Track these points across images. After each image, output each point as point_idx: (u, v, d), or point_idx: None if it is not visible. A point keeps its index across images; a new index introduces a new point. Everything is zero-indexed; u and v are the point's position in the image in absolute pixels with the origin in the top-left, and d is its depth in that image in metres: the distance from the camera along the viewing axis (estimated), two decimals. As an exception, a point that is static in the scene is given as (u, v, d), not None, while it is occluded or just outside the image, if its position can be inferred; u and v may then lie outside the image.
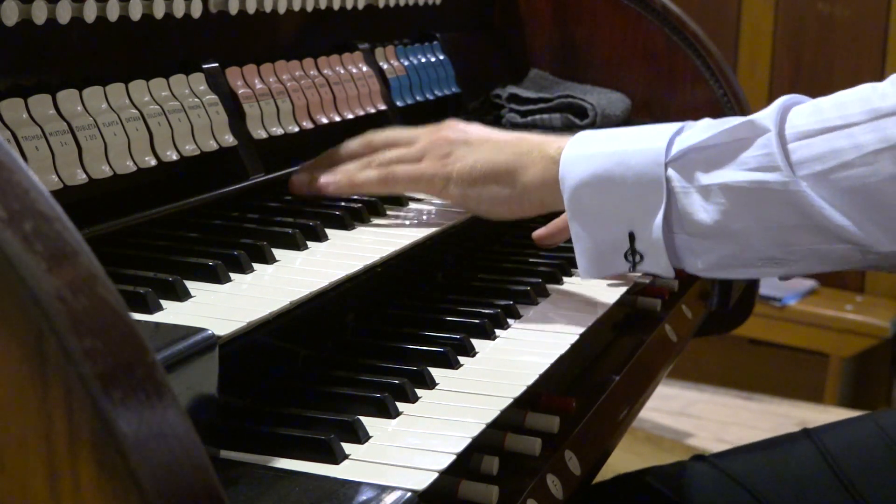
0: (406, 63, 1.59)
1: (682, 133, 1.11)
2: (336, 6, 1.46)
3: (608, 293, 1.27)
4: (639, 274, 1.25)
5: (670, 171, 1.09)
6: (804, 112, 1.07)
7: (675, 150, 1.10)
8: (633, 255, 1.13)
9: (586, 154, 1.13)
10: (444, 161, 1.21)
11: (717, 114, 1.81)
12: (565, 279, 1.31)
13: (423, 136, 1.25)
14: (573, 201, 1.13)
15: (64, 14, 1.03)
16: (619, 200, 1.11)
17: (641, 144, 1.11)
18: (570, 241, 1.36)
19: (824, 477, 1.29)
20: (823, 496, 1.28)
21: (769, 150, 1.06)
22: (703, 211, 1.08)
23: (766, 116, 1.08)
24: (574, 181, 1.13)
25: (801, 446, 1.32)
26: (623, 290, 1.29)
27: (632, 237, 1.12)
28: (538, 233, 1.33)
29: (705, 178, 1.08)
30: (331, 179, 1.23)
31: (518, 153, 1.18)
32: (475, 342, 1.07)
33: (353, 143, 1.29)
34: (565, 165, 1.14)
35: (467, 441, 0.86)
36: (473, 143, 1.21)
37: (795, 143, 1.05)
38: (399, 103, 1.54)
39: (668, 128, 1.12)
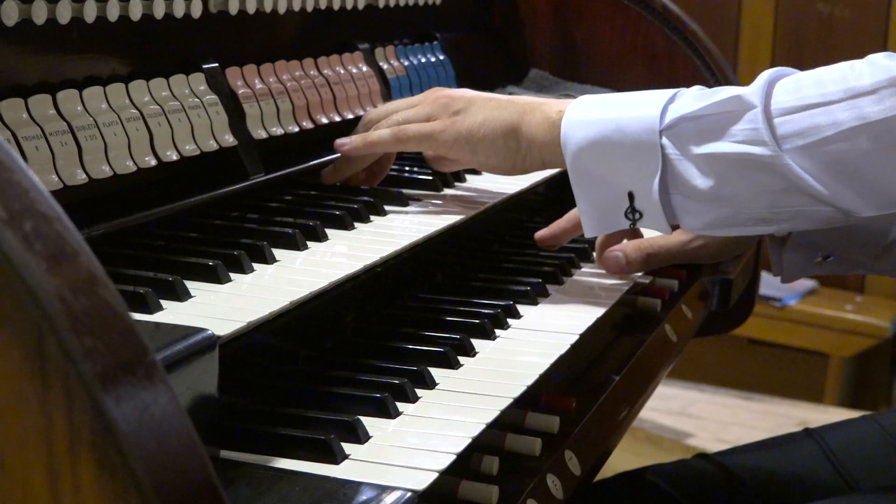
0: (406, 63, 1.59)
1: (674, 101, 1.17)
2: (336, 6, 1.46)
3: (608, 293, 1.27)
4: (636, 226, 1.30)
5: (664, 139, 1.15)
6: (787, 88, 1.13)
7: (668, 118, 1.15)
8: (632, 213, 1.18)
9: (586, 120, 1.19)
10: (454, 118, 1.28)
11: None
12: (565, 279, 1.31)
13: (425, 98, 1.32)
14: (575, 164, 1.19)
15: (64, 14, 1.03)
16: (618, 164, 1.17)
17: (637, 111, 1.17)
18: (570, 240, 1.37)
19: (827, 475, 1.29)
20: (826, 494, 1.28)
21: (756, 125, 1.12)
22: (696, 177, 1.14)
23: (752, 92, 1.14)
24: (575, 146, 1.19)
25: (804, 445, 1.33)
26: (623, 290, 1.29)
27: (631, 196, 1.18)
28: (541, 234, 1.35)
29: (697, 149, 1.14)
30: (345, 140, 1.30)
31: (522, 111, 1.25)
32: (475, 342, 1.07)
33: (369, 113, 1.37)
34: (566, 130, 1.20)
35: (467, 441, 0.86)
36: (478, 101, 1.28)
37: (779, 118, 1.12)
38: (399, 103, 1.54)
39: (662, 95, 1.18)
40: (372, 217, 1.23)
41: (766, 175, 1.12)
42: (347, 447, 0.83)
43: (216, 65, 1.23)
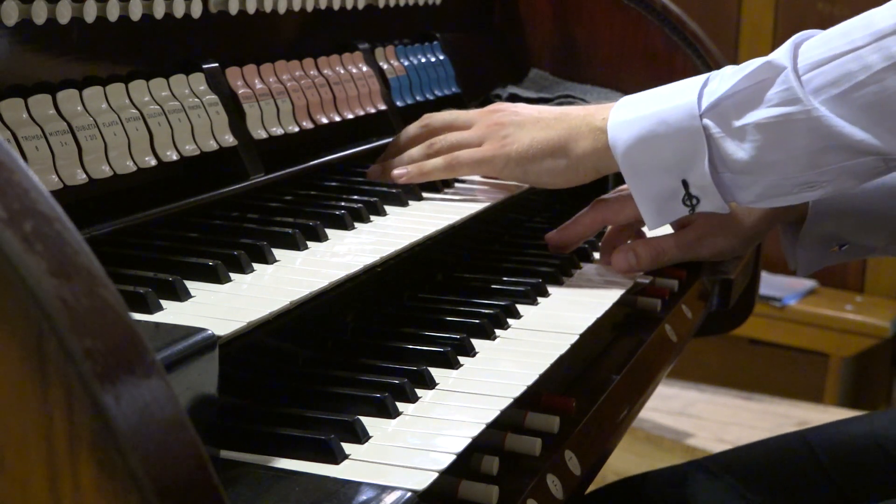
0: (406, 63, 1.59)
1: (709, 84, 1.21)
2: (336, 6, 1.46)
3: (608, 293, 1.27)
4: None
5: (706, 121, 1.19)
6: (814, 44, 1.17)
7: (706, 101, 1.20)
8: (689, 199, 1.23)
9: (629, 119, 1.24)
10: (503, 143, 1.32)
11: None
12: (565, 279, 1.31)
13: (477, 119, 1.37)
14: (627, 163, 1.24)
15: (64, 14, 1.03)
16: (667, 154, 1.22)
17: (676, 101, 1.21)
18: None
19: (818, 480, 1.29)
20: (818, 500, 1.28)
21: (788, 84, 1.15)
22: (740, 150, 1.18)
23: (781, 55, 1.17)
24: (624, 146, 1.23)
25: (796, 449, 1.33)
26: (623, 290, 1.29)
27: (685, 184, 1.22)
28: (552, 235, 1.36)
29: (738, 121, 1.18)
30: (402, 172, 1.34)
31: (568, 128, 1.29)
32: (475, 342, 1.07)
33: (412, 128, 1.41)
34: (613, 133, 1.24)
35: (467, 441, 0.86)
36: (526, 123, 1.32)
37: (810, 73, 1.15)
38: (399, 103, 1.54)
39: (696, 82, 1.22)
40: (372, 217, 1.23)
41: (804, 135, 1.15)
42: (347, 447, 0.83)
43: (216, 65, 1.23)
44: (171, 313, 0.89)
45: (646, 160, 1.23)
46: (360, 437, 0.85)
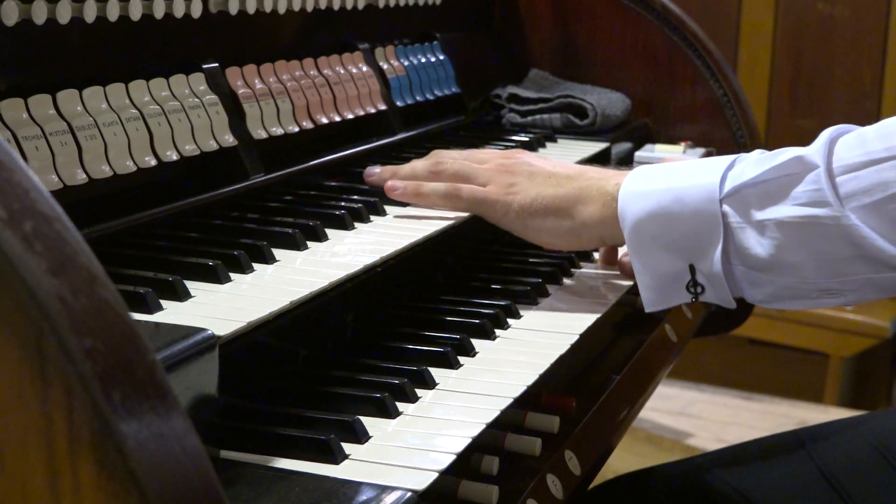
0: (406, 63, 1.59)
1: (734, 167, 1.14)
2: (336, 6, 1.46)
3: (608, 293, 1.27)
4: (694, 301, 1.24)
5: (725, 207, 1.12)
6: (850, 144, 1.09)
7: (728, 186, 1.12)
8: (694, 286, 1.16)
9: (643, 191, 1.16)
10: (507, 190, 1.26)
11: (716, 113, 1.82)
12: (565, 279, 1.31)
13: (490, 159, 1.31)
14: (633, 237, 1.17)
15: (64, 14, 1.03)
16: (677, 235, 1.14)
17: (696, 180, 1.14)
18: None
19: (815, 480, 1.29)
20: (815, 500, 1.28)
21: (819, 185, 1.08)
22: (758, 245, 1.11)
23: (814, 152, 1.10)
24: (633, 218, 1.16)
25: (793, 449, 1.32)
26: (623, 290, 1.29)
27: (692, 269, 1.15)
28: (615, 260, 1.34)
29: (759, 214, 1.11)
30: (399, 185, 1.28)
31: (577, 188, 1.22)
32: (475, 342, 1.07)
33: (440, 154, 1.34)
34: (624, 203, 1.17)
35: (467, 441, 0.86)
36: (537, 176, 1.26)
37: (843, 176, 1.08)
38: (399, 103, 1.54)
39: (721, 162, 1.15)
40: (372, 217, 1.23)
41: (830, 240, 1.08)
42: (347, 447, 0.83)
43: (216, 65, 1.23)
44: (171, 313, 0.89)
45: (655, 237, 1.15)
46: (360, 437, 0.85)
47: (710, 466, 1.33)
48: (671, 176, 1.16)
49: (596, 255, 1.41)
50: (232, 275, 0.99)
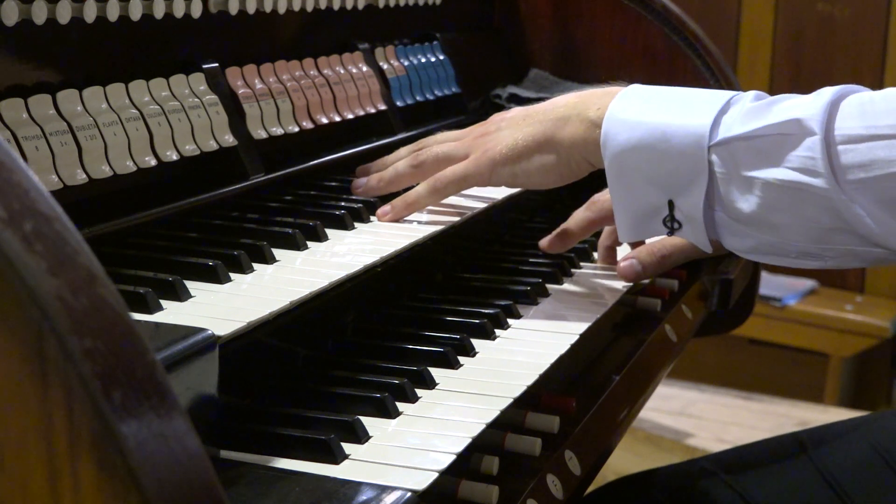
0: (406, 63, 1.59)
1: (729, 110, 1.09)
2: (336, 6, 1.46)
3: (608, 293, 1.27)
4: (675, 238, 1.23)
5: (713, 156, 1.08)
6: (853, 111, 1.05)
7: (720, 134, 1.08)
8: (671, 221, 1.13)
9: (629, 121, 1.12)
10: (486, 148, 1.23)
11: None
12: (565, 279, 1.31)
13: (470, 132, 1.28)
14: (614, 166, 1.13)
15: (64, 14, 1.03)
16: (660, 171, 1.11)
17: (686, 119, 1.10)
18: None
19: (815, 482, 1.29)
20: (814, 501, 1.28)
21: (813, 153, 1.04)
22: (742, 200, 1.08)
23: (813, 116, 1.05)
24: (615, 147, 1.12)
25: (792, 450, 1.32)
26: (623, 290, 1.29)
27: (671, 205, 1.12)
28: (544, 242, 1.33)
29: (747, 171, 1.07)
30: (387, 209, 1.24)
31: (556, 118, 1.19)
32: (475, 342, 1.07)
33: (403, 150, 1.32)
34: (608, 128, 1.13)
35: (467, 441, 0.86)
36: (512, 122, 1.23)
37: (843, 146, 1.04)
38: (399, 103, 1.54)
39: (715, 101, 1.10)
40: (372, 217, 1.23)
41: (817, 209, 1.05)
42: (347, 447, 0.83)
43: (216, 65, 1.23)
44: (171, 313, 0.89)
45: (635, 170, 1.12)
46: (360, 437, 0.85)
47: (710, 469, 1.33)
48: (661, 108, 1.12)
49: (596, 255, 1.41)
50: (232, 275, 0.99)
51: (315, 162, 1.33)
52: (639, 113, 1.13)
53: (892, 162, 1.01)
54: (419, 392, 0.95)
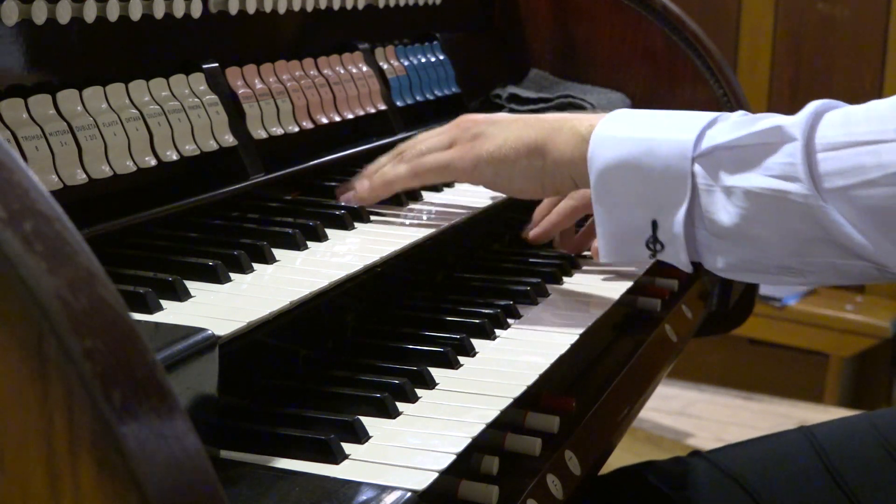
0: (406, 63, 1.59)
1: (713, 126, 1.09)
2: (336, 6, 1.46)
3: (608, 293, 1.27)
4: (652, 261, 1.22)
5: (696, 167, 1.07)
6: (836, 120, 1.04)
7: (704, 145, 1.08)
8: (654, 243, 1.11)
9: (617, 137, 1.12)
10: (473, 143, 1.21)
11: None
12: (565, 279, 1.31)
13: (450, 126, 1.26)
14: (599, 184, 1.12)
15: (64, 14, 1.03)
16: (644, 188, 1.10)
17: (672, 134, 1.09)
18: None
19: (819, 475, 1.29)
20: (818, 494, 1.28)
21: (793, 160, 1.03)
22: (723, 211, 1.07)
23: (795, 124, 1.05)
24: (601, 164, 1.11)
25: (797, 444, 1.33)
26: (623, 290, 1.29)
27: (654, 225, 1.10)
28: (530, 233, 1.33)
29: (729, 179, 1.06)
30: (365, 185, 1.25)
31: (548, 128, 1.18)
32: (475, 342, 1.07)
33: (399, 147, 1.31)
34: (595, 145, 1.12)
35: (467, 441, 0.86)
36: (502, 122, 1.22)
37: (823, 153, 1.03)
38: (399, 103, 1.54)
39: (701, 118, 1.10)
40: (372, 217, 1.23)
41: (797, 218, 1.04)
42: (347, 447, 0.83)
43: (216, 65, 1.23)
44: (171, 313, 0.89)
45: (620, 188, 1.11)
46: (360, 437, 0.85)
47: (711, 460, 1.33)
48: (648, 124, 1.11)
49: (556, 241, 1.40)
50: (232, 275, 0.99)
51: (315, 162, 1.33)
52: (626, 129, 1.12)
53: (870, 168, 1.00)
54: (419, 392, 0.95)
